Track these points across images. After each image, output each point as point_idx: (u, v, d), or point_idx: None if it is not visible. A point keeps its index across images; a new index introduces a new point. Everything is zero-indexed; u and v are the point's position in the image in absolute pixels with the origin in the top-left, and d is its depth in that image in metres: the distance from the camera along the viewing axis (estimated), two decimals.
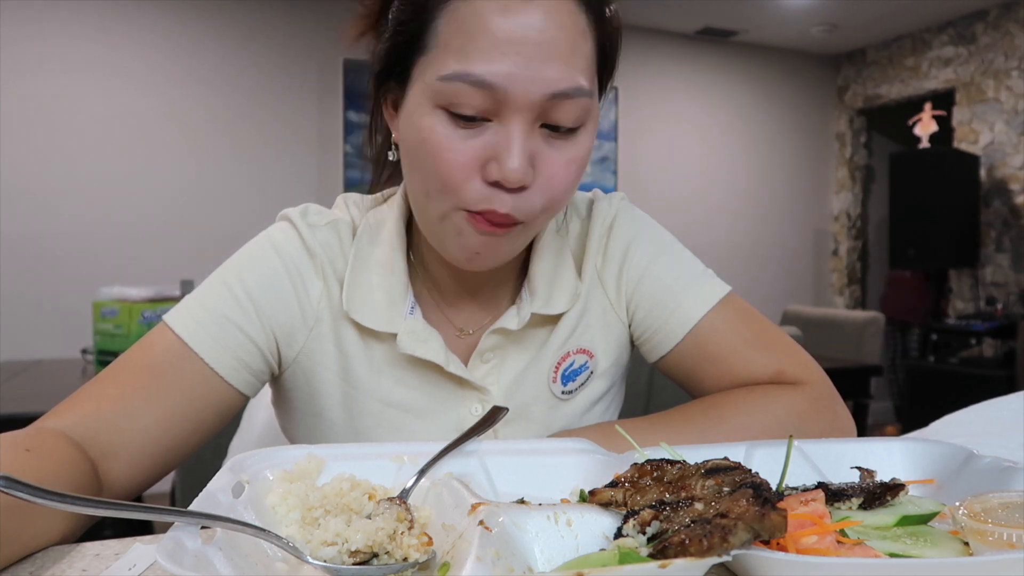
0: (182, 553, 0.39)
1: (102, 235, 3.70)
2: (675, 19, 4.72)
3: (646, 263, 0.79)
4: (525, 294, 0.76)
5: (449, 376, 0.74)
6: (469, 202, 0.62)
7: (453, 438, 0.66)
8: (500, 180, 0.60)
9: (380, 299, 0.73)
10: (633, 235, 0.80)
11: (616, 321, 0.81)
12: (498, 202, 0.62)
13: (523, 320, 0.74)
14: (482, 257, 0.66)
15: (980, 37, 4.57)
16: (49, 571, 0.49)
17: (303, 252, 0.74)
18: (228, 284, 0.71)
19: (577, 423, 0.79)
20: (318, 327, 0.73)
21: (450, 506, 0.48)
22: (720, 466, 0.47)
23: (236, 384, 0.71)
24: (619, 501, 0.48)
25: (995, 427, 0.81)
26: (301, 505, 0.49)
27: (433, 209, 0.65)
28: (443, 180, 0.62)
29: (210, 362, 0.69)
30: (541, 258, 0.76)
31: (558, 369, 0.77)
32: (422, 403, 0.74)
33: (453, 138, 0.61)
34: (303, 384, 0.75)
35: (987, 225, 4.56)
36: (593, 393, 0.80)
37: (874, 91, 5.24)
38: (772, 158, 5.31)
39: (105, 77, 3.70)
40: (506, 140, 0.60)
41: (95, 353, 2.20)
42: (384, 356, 0.74)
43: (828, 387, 0.78)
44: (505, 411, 0.66)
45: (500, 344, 0.75)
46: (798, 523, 0.46)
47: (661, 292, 0.79)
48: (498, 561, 0.40)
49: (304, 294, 0.73)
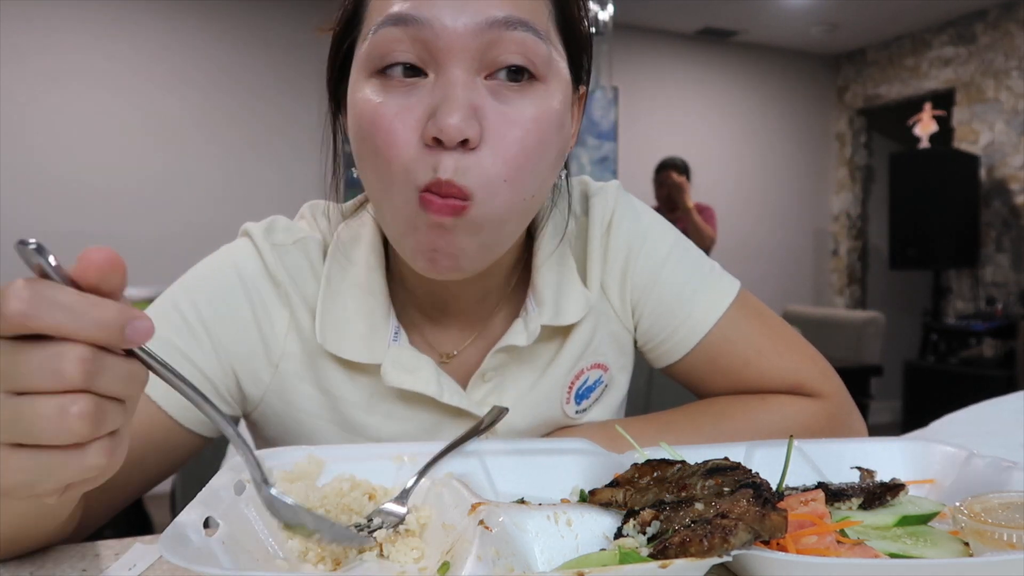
0: (185, 547, 0.39)
1: (102, 236, 3.70)
2: (675, 19, 4.72)
3: (652, 267, 0.72)
4: (531, 304, 0.67)
5: (445, 407, 0.66)
6: (415, 174, 0.53)
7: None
8: (437, 134, 0.52)
9: (359, 327, 0.64)
10: (635, 235, 0.73)
11: (621, 329, 0.74)
12: (441, 167, 0.52)
13: (533, 335, 0.66)
14: (442, 256, 0.56)
15: (980, 37, 4.57)
16: (49, 571, 0.49)
17: (265, 277, 0.65)
18: (179, 308, 0.63)
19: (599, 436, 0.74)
20: (285, 363, 0.65)
21: (450, 506, 0.48)
22: (720, 466, 0.47)
23: (186, 424, 0.62)
24: (619, 501, 0.48)
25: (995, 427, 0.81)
26: None
27: (389, 204, 0.56)
28: (384, 152, 0.54)
29: (155, 398, 0.61)
30: (544, 265, 0.68)
31: (572, 388, 0.70)
32: (419, 436, 0.67)
33: (387, 102, 0.54)
34: (278, 426, 0.67)
35: (987, 225, 4.56)
36: (607, 407, 0.74)
37: (874, 91, 5.23)
38: (772, 158, 5.31)
39: (105, 78, 3.70)
40: (442, 90, 0.53)
41: None
42: (370, 389, 0.66)
43: (846, 400, 0.74)
44: (506, 411, 0.65)
45: (503, 363, 0.68)
46: (798, 523, 0.46)
47: (669, 298, 0.72)
48: (498, 561, 0.40)
49: (268, 323, 0.64)
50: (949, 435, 0.80)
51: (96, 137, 3.69)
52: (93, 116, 3.69)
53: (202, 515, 0.43)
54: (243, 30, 3.95)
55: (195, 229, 3.84)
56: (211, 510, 0.44)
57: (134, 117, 3.76)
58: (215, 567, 0.40)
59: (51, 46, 3.60)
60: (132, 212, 3.76)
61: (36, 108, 3.58)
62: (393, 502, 0.51)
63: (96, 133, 3.69)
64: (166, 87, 3.80)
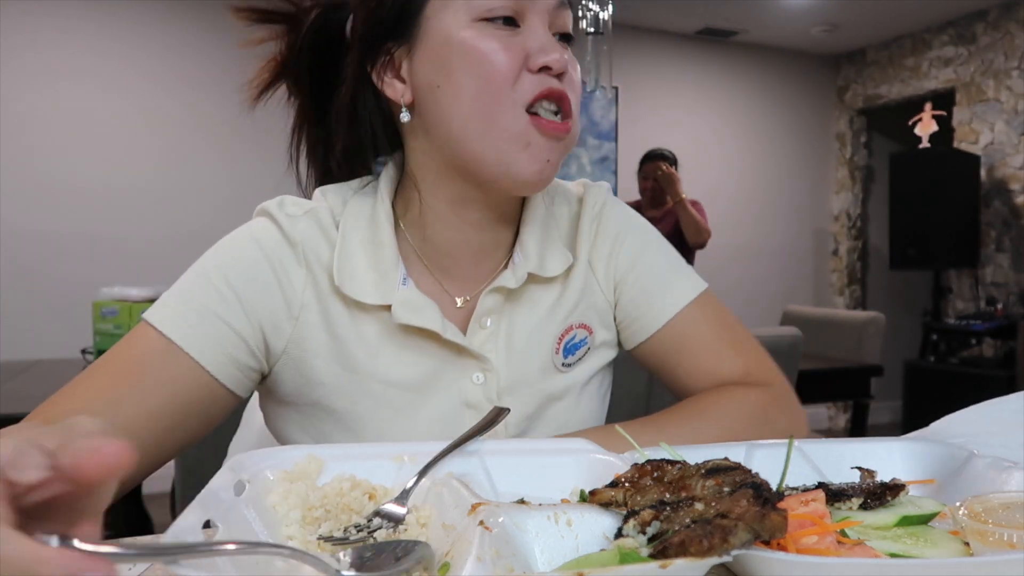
0: None
1: (102, 235, 3.70)
2: (675, 19, 4.72)
3: (636, 251, 0.83)
4: (518, 256, 0.77)
5: (447, 346, 0.73)
6: (530, 92, 0.68)
7: (456, 415, 0.72)
8: (547, 63, 0.68)
9: (371, 275, 0.72)
10: (623, 222, 0.85)
11: (604, 303, 0.83)
12: (551, 82, 0.69)
13: (520, 279, 0.75)
14: (550, 166, 0.70)
15: (980, 37, 4.57)
16: None
17: (283, 242, 0.72)
18: (208, 276, 0.70)
19: (577, 394, 0.81)
20: (304, 315, 0.72)
21: (450, 506, 0.48)
22: (720, 466, 0.47)
23: (223, 380, 0.69)
24: (619, 501, 0.48)
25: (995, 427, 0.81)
26: (301, 505, 0.49)
27: (500, 121, 0.68)
28: (500, 77, 0.67)
29: (195, 356, 0.67)
30: (530, 224, 0.78)
31: (562, 340, 0.79)
32: (422, 379, 0.73)
33: (499, 37, 0.68)
34: (296, 376, 0.73)
35: (987, 225, 4.56)
36: (591, 367, 0.82)
37: (874, 91, 5.24)
38: (772, 158, 5.31)
39: (105, 77, 3.70)
40: (539, 36, 0.69)
41: (95, 353, 2.21)
42: (378, 334, 0.73)
43: (788, 389, 0.85)
44: (507, 412, 0.66)
45: (499, 307, 0.76)
46: (798, 523, 0.46)
47: (646, 281, 0.83)
48: (498, 561, 0.40)
49: (288, 283, 0.72)
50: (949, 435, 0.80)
51: (96, 137, 3.69)
52: (93, 116, 3.69)
53: (202, 517, 0.43)
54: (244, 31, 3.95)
55: (194, 229, 3.84)
56: (211, 512, 0.44)
57: (134, 117, 3.76)
58: (215, 571, 0.40)
59: (51, 45, 3.60)
60: (132, 212, 3.76)
61: (35, 108, 3.58)
62: (393, 502, 0.51)
63: (96, 133, 3.69)
64: (167, 87, 3.80)
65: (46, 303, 3.57)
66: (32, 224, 3.57)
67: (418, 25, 0.70)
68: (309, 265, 0.73)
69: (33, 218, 3.57)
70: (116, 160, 3.73)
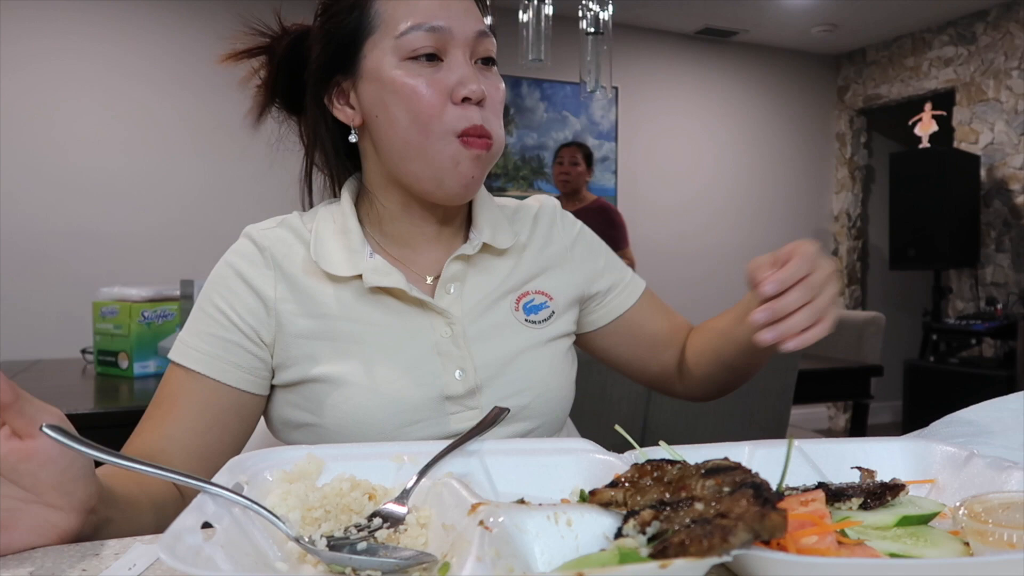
0: (184, 549, 0.39)
1: (102, 235, 3.70)
2: (675, 19, 4.72)
3: (596, 246, 1.00)
4: (473, 233, 0.89)
5: (415, 303, 0.83)
6: (455, 123, 0.78)
7: (429, 361, 0.81)
8: (468, 95, 0.78)
9: (342, 253, 0.83)
10: (578, 224, 1.01)
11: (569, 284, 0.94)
12: (474, 116, 0.79)
13: (476, 247, 0.86)
14: (474, 182, 0.81)
15: (980, 37, 4.57)
16: (49, 571, 0.49)
17: (253, 250, 0.84)
18: (201, 306, 0.83)
19: (548, 347, 0.90)
20: (281, 306, 0.82)
21: (450, 506, 0.48)
22: (720, 466, 0.47)
23: (240, 386, 0.81)
24: (619, 501, 0.48)
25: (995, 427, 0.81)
26: (301, 505, 0.49)
27: (432, 147, 0.78)
28: (427, 112, 0.77)
29: (211, 375, 0.79)
30: (482, 211, 0.90)
31: (520, 301, 0.89)
32: (396, 332, 0.82)
33: (423, 75, 0.78)
34: (290, 358, 0.82)
35: (987, 225, 4.56)
36: (558, 329, 0.92)
37: (874, 91, 5.23)
38: (772, 158, 5.31)
39: (105, 77, 3.70)
40: (460, 68, 0.79)
41: (95, 353, 2.20)
42: (353, 299, 0.82)
43: None
44: (506, 411, 0.67)
45: (460, 275, 0.86)
46: (798, 523, 0.46)
47: (609, 274, 0.99)
48: (498, 561, 0.40)
49: (259, 284, 0.82)
50: (949, 435, 0.80)
51: (96, 137, 3.69)
52: (93, 116, 3.69)
53: (201, 517, 0.43)
54: None
55: (194, 229, 3.84)
56: (210, 512, 0.44)
57: (134, 117, 3.76)
58: (214, 570, 0.40)
59: (51, 45, 3.60)
60: (132, 212, 3.76)
61: (35, 107, 3.58)
62: (393, 502, 0.51)
63: (96, 133, 3.69)
64: (167, 88, 3.80)
65: (46, 303, 3.57)
66: (32, 224, 3.57)
67: (358, 62, 0.81)
68: (279, 264, 0.83)
69: (33, 218, 3.57)
70: (116, 160, 3.72)
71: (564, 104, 4.63)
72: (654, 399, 1.99)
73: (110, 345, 2.15)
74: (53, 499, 0.53)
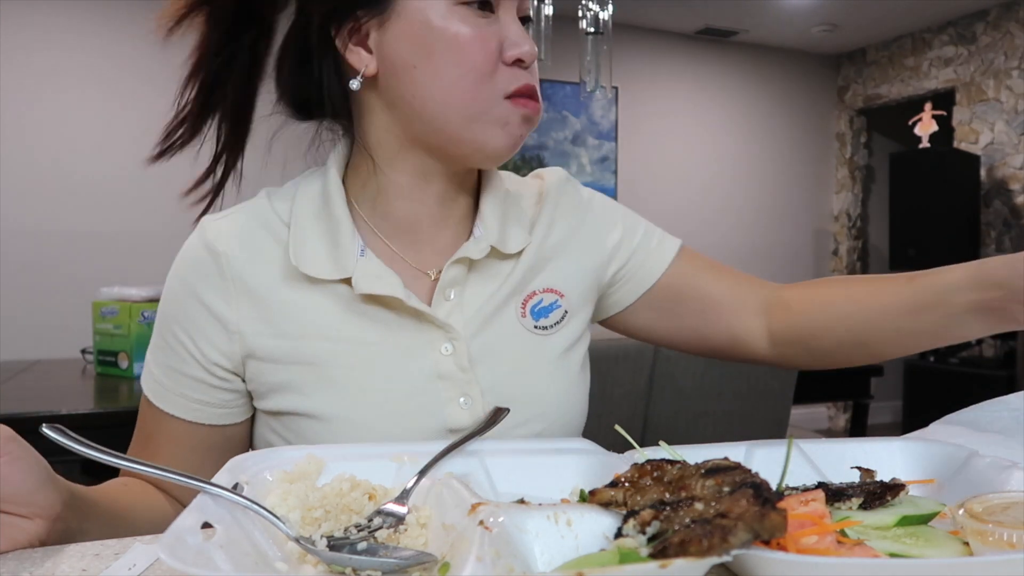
0: (184, 549, 0.39)
1: (102, 235, 3.70)
2: (675, 19, 4.72)
3: (609, 218, 0.85)
4: (479, 229, 0.76)
5: (411, 315, 0.71)
6: (506, 84, 0.69)
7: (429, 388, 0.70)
8: (521, 56, 0.69)
9: (327, 248, 0.70)
10: (589, 196, 0.87)
11: (580, 272, 0.82)
12: (525, 77, 0.70)
13: (483, 251, 0.73)
14: (520, 141, 0.73)
15: (980, 37, 4.57)
16: (49, 571, 0.49)
17: (205, 257, 0.71)
18: (161, 333, 0.73)
19: (562, 360, 0.78)
20: (243, 326, 0.70)
21: (450, 506, 0.48)
22: (720, 466, 0.47)
23: (213, 422, 0.73)
24: (619, 501, 0.48)
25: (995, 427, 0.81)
26: (301, 506, 0.49)
27: (479, 108, 0.69)
28: (481, 68, 0.68)
29: (180, 415, 0.72)
30: (490, 199, 0.78)
31: (526, 304, 0.77)
32: (389, 354, 0.70)
33: (477, 25, 0.68)
34: (260, 387, 0.71)
35: (987, 225, 4.56)
36: (572, 333, 0.80)
37: (874, 91, 5.23)
38: (772, 158, 5.31)
39: (104, 77, 3.70)
40: (512, 26, 0.70)
41: (95, 353, 2.20)
42: (340, 311, 0.70)
43: None
44: (506, 411, 0.66)
45: (460, 279, 0.74)
46: (798, 523, 0.46)
47: (629, 241, 0.85)
48: (498, 561, 0.40)
49: (214, 302, 0.70)
50: (949, 435, 0.80)
51: (96, 137, 3.69)
52: (93, 116, 3.69)
53: (201, 517, 0.43)
54: None
55: (187, 228, 3.83)
56: (210, 512, 0.44)
57: (134, 117, 3.75)
58: (214, 570, 0.40)
59: (51, 45, 3.60)
60: (132, 212, 3.76)
61: (35, 108, 3.58)
62: (393, 502, 0.51)
63: (96, 133, 3.69)
64: (167, 88, 3.80)
65: (46, 303, 3.57)
66: (32, 224, 3.57)
67: (395, 0, 0.68)
68: (237, 275, 0.70)
69: (33, 218, 3.57)
70: (116, 160, 3.72)
71: (564, 104, 4.63)
72: (654, 399, 1.99)
73: (110, 345, 2.15)
74: (13, 508, 0.54)
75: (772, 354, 0.82)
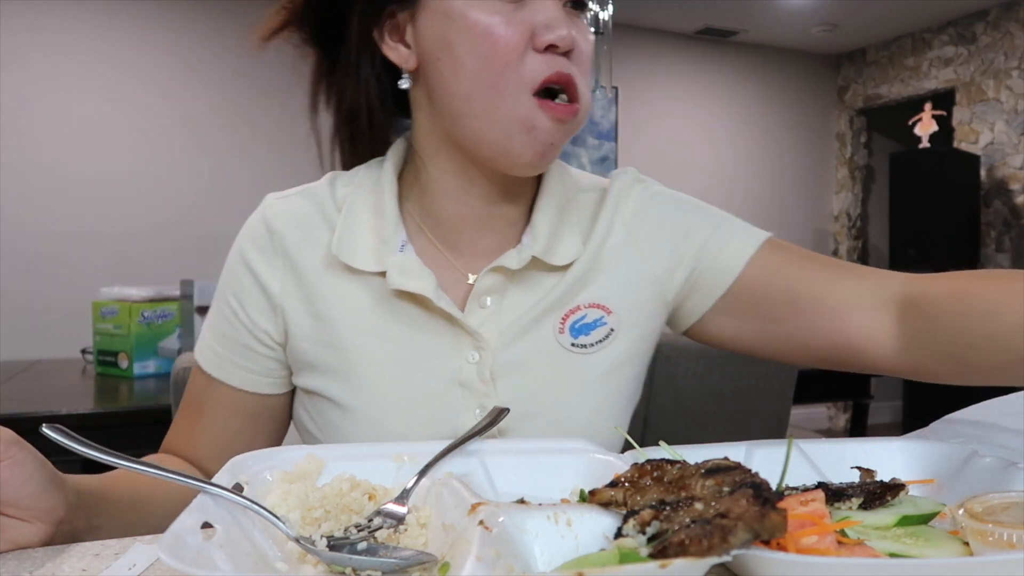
0: (184, 549, 0.39)
1: (102, 235, 3.70)
2: (675, 19, 4.72)
3: (677, 221, 0.77)
4: (527, 239, 0.73)
5: (442, 318, 0.69)
6: (534, 73, 0.63)
7: (448, 395, 0.70)
8: (555, 40, 0.63)
9: (370, 242, 0.70)
10: (654, 200, 0.79)
11: (651, 284, 0.75)
12: (559, 64, 0.64)
13: (523, 261, 0.70)
14: (552, 150, 0.67)
15: (980, 37, 4.57)
16: (49, 571, 0.49)
17: (263, 232, 0.73)
18: (218, 301, 0.75)
19: (601, 384, 0.73)
20: (285, 302, 0.72)
21: (450, 506, 0.48)
22: (720, 466, 0.47)
23: (257, 390, 0.75)
24: (619, 501, 0.48)
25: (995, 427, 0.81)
26: (301, 506, 0.49)
27: (502, 103, 0.64)
28: (502, 57, 0.63)
29: (229, 382, 0.74)
30: (545, 205, 0.74)
31: (566, 319, 0.72)
32: (414, 354, 0.70)
33: (502, 11, 0.63)
34: (295, 363, 0.74)
35: (987, 225, 4.56)
36: (617, 353, 0.74)
37: (874, 91, 5.23)
38: (772, 158, 5.31)
39: (105, 78, 3.70)
40: (546, 8, 0.64)
41: (95, 353, 2.20)
42: (371, 304, 0.70)
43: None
44: (506, 411, 0.65)
45: (499, 287, 0.71)
46: (798, 523, 0.46)
47: (698, 242, 0.76)
48: (498, 561, 0.40)
49: (264, 275, 0.72)
50: (949, 435, 0.80)
51: (96, 137, 3.69)
52: (93, 116, 3.69)
53: (201, 518, 0.43)
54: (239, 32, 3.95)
55: (194, 229, 3.84)
56: (210, 512, 0.44)
57: (134, 117, 3.76)
58: (214, 570, 0.40)
59: (52, 46, 3.60)
60: (132, 212, 3.76)
61: (35, 108, 3.58)
62: (393, 502, 0.51)
63: (96, 133, 3.69)
64: (167, 88, 3.80)
65: (46, 303, 3.57)
66: (32, 223, 3.57)
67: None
68: (287, 252, 0.72)
69: (33, 217, 3.57)
70: (116, 160, 3.72)
71: None
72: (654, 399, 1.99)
73: (110, 345, 2.15)
74: (14, 512, 0.54)
75: (902, 363, 0.68)
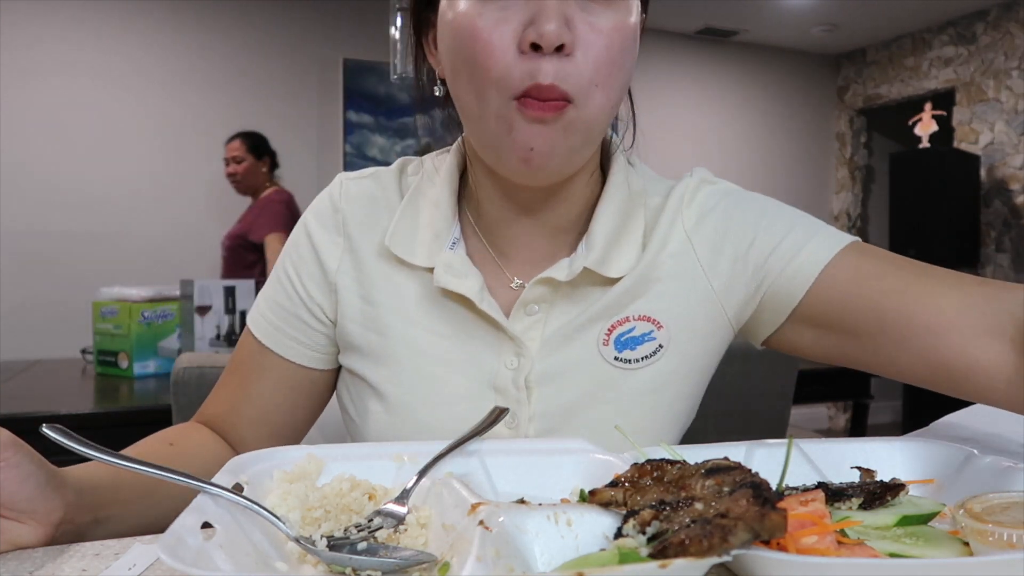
0: (184, 549, 0.39)
1: (102, 235, 3.70)
2: (675, 19, 4.72)
3: (747, 225, 0.72)
4: (582, 248, 0.69)
5: (485, 321, 0.68)
6: (514, 80, 0.58)
7: (482, 397, 0.69)
8: (536, 40, 0.57)
9: (424, 236, 0.70)
10: (724, 205, 0.74)
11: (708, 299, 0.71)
12: (542, 73, 0.57)
13: (573, 272, 0.67)
14: (538, 155, 0.60)
15: (980, 37, 4.57)
16: (49, 570, 0.49)
17: (329, 209, 0.74)
18: (278, 268, 0.76)
19: (642, 403, 0.69)
20: (340, 279, 0.73)
21: (450, 506, 0.48)
22: (720, 466, 0.47)
23: (308, 364, 0.75)
24: (619, 501, 0.48)
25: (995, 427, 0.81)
26: (301, 506, 0.49)
27: (486, 110, 0.60)
28: (482, 62, 0.58)
29: (278, 351, 0.74)
30: (605, 215, 0.70)
31: (612, 331, 0.69)
32: (454, 352, 0.69)
33: (484, 14, 0.59)
34: (341, 342, 0.75)
35: (987, 225, 4.56)
36: (665, 371, 0.70)
37: (874, 91, 5.23)
38: (772, 158, 5.31)
39: (104, 77, 3.70)
40: (537, 2, 0.58)
41: (95, 353, 2.20)
42: (417, 297, 0.70)
43: None
44: (506, 411, 0.65)
45: (547, 297, 0.69)
46: (798, 523, 0.46)
47: (767, 247, 0.70)
48: (498, 561, 0.40)
49: (324, 251, 0.73)
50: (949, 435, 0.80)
51: (96, 137, 3.69)
52: (93, 116, 3.69)
53: (201, 517, 0.43)
54: (241, 32, 3.95)
55: (194, 229, 3.84)
56: (210, 512, 0.44)
57: (134, 117, 3.76)
58: (214, 570, 0.40)
59: (52, 45, 3.60)
60: (131, 212, 3.76)
61: (35, 108, 3.58)
62: (393, 502, 0.51)
63: (96, 133, 3.70)
64: (167, 88, 3.80)
65: (46, 303, 3.57)
66: (32, 224, 3.58)
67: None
68: (349, 232, 0.73)
69: (33, 218, 3.57)
70: (116, 160, 3.73)
71: None
72: None
73: (110, 345, 2.15)
74: (11, 514, 0.53)
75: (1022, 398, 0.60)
